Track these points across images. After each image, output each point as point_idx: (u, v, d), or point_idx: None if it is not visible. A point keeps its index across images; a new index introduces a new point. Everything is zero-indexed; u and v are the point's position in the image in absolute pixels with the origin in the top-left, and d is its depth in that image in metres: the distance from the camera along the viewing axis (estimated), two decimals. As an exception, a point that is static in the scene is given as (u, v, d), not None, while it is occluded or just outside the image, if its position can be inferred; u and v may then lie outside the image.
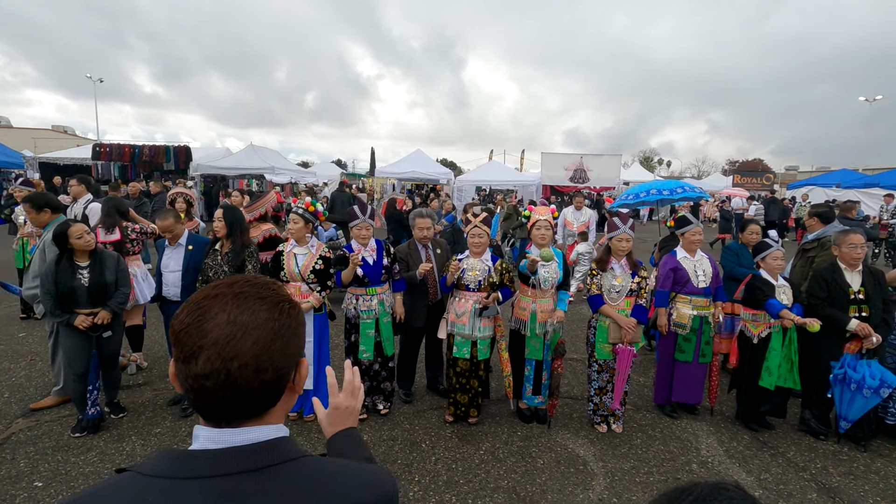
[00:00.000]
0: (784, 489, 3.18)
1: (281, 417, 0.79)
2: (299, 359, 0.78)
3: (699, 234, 4.09)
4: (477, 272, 3.66)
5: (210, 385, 0.68)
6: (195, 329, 0.69)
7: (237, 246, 3.55)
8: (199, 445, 0.70)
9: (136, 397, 4.21)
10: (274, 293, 0.76)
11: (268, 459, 0.70)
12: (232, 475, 0.67)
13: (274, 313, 0.73)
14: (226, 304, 0.71)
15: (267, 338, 0.71)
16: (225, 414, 0.71)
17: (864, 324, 3.49)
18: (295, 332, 0.76)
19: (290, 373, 0.76)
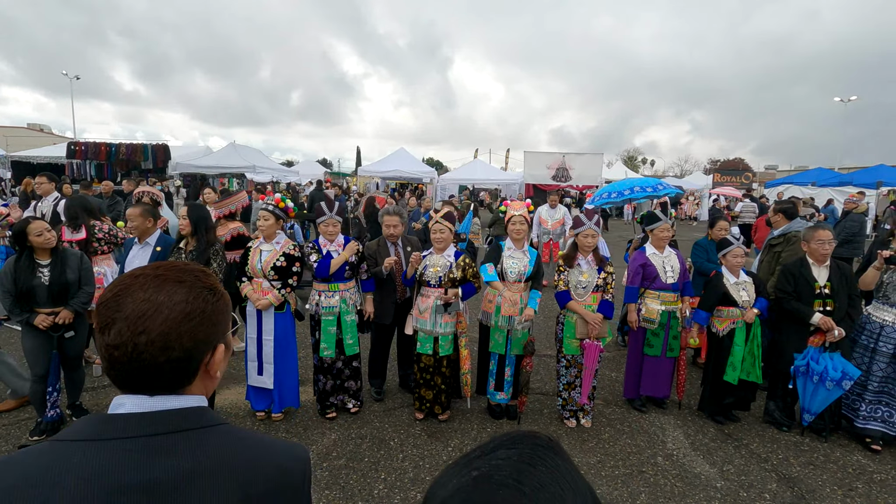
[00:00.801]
0: (745, 480, 3.23)
1: (201, 393, 0.82)
2: (215, 345, 0.81)
3: (667, 231, 4.13)
4: (438, 268, 3.65)
5: (118, 355, 0.73)
6: (113, 303, 0.74)
7: (202, 244, 3.50)
8: (125, 410, 0.74)
9: (100, 399, 4.12)
10: (196, 279, 0.80)
11: (192, 423, 0.75)
12: (158, 435, 0.72)
13: (189, 297, 0.77)
14: (146, 283, 0.76)
15: (177, 318, 0.75)
16: (135, 385, 0.75)
17: (826, 318, 3.56)
18: (208, 318, 0.79)
19: (201, 355, 0.79)
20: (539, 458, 0.47)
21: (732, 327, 3.79)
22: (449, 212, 3.73)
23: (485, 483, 0.44)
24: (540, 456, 0.47)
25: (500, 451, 0.48)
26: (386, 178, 21.92)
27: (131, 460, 0.70)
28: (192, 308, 0.77)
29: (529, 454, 0.47)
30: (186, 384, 0.79)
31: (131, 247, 3.79)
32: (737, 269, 3.94)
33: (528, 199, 4.08)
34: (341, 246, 3.84)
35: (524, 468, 0.45)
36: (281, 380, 3.78)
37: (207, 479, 0.72)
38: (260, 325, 3.73)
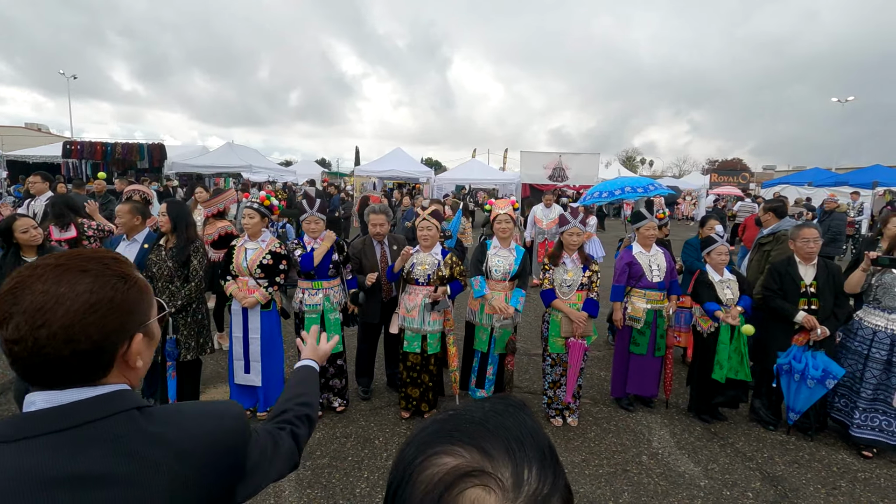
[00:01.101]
0: (729, 478, 3.23)
1: (122, 381, 0.81)
2: (132, 334, 0.78)
3: (654, 229, 4.13)
4: (426, 266, 3.64)
5: (18, 350, 0.71)
6: (10, 296, 0.72)
7: (181, 241, 3.49)
8: (37, 408, 0.73)
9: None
10: (104, 267, 0.77)
11: (110, 409, 0.74)
12: (75, 427, 0.71)
13: (95, 286, 0.74)
14: (45, 275, 0.73)
15: (81, 309, 0.72)
16: (43, 379, 0.74)
17: (810, 316, 3.55)
18: (118, 308, 0.76)
19: (114, 347, 0.77)
20: (506, 410, 0.53)
21: (717, 325, 3.78)
22: (436, 210, 3.72)
23: (455, 418, 0.51)
24: (508, 409, 0.53)
25: (475, 404, 0.55)
26: (383, 178, 21.89)
27: (51, 457, 0.69)
28: (98, 298, 0.73)
29: (499, 407, 0.53)
30: (101, 376, 0.77)
31: (118, 244, 3.77)
32: (721, 267, 3.94)
33: (512, 198, 4.06)
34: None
35: (491, 415, 0.51)
36: (267, 378, 3.77)
37: (136, 462, 0.71)
38: (246, 324, 3.72)
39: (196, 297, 3.54)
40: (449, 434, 0.49)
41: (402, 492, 0.47)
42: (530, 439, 0.49)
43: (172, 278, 3.45)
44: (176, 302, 3.43)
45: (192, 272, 3.50)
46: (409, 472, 0.47)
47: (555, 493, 0.46)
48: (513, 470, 0.45)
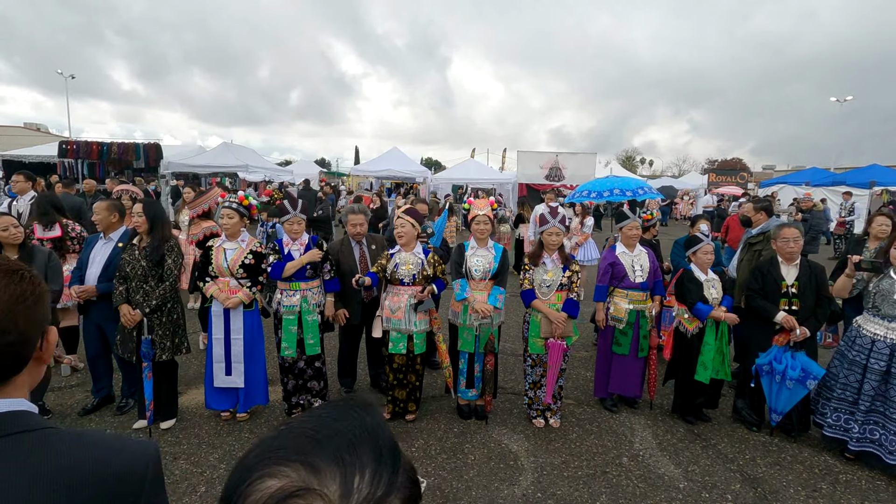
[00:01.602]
0: (709, 480, 3.20)
1: (25, 391, 0.80)
2: (45, 326, 0.80)
3: (636, 229, 4.10)
4: (411, 266, 3.62)
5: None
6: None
7: (156, 240, 3.46)
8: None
9: (65, 399, 4.08)
10: (7, 263, 0.79)
11: (8, 429, 0.72)
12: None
13: (14, 279, 0.76)
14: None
15: (9, 300, 0.74)
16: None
17: (789, 316, 3.52)
18: (39, 299, 0.78)
19: (36, 339, 0.78)
20: (344, 414, 0.50)
21: (702, 326, 3.76)
22: (411, 207, 3.70)
23: (286, 433, 0.49)
24: (347, 411, 0.51)
25: (311, 413, 0.52)
26: (380, 178, 21.87)
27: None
28: (22, 290, 0.75)
29: (337, 411, 0.51)
30: (17, 372, 0.77)
31: (95, 242, 3.74)
32: (706, 267, 3.91)
33: (491, 198, 4.03)
34: (304, 245, 3.80)
35: (326, 422, 0.49)
36: (250, 378, 3.74)
37: (21, 487, 0.69)
38: (228, 325, 3.69)
39: (171, 296, 3.52)
40: (274, 453, 0.46)
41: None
42: (366, 440, 0.48)
43: (147, 278, 3.43)
44: (150, 302, 3.40)
45: (167, 272, 3.48)
46: (232, 501, 0.45)
47: (392, 492, 0.45)
48: (341, 481, 0.44)
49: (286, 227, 3.75)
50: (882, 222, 4.37)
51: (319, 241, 3.89)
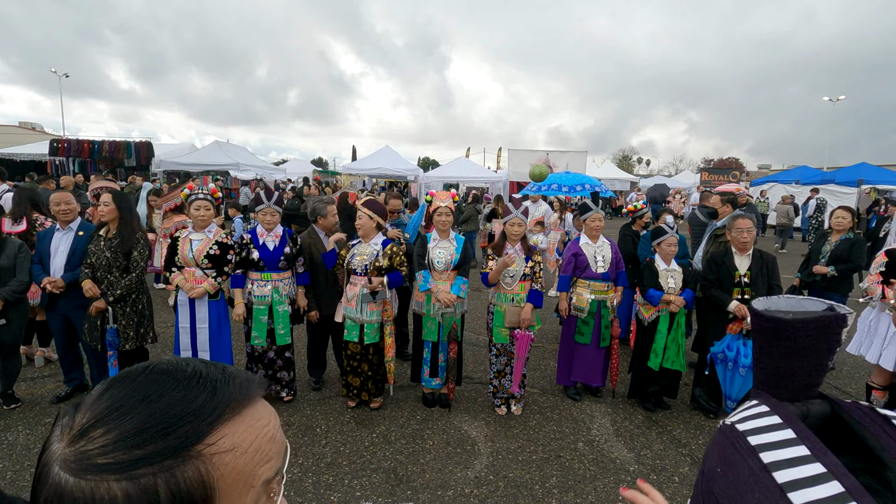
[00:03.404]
0: (659, 463, 3.28)
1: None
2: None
3: (599, 221, 4.18)
4: (364, 256, 3.69)
5: None
6: None
7: (126, 232, 3.53)
8: None
9: (36, 389, 4.15)
10: None
11: None
12: None
13: None
14: None
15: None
16: None
17: (741, 305, 3.61)
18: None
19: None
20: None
21: (657, 315, 3.84)
22: (371, 199, 3.77)
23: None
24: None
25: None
26: (371, 176, 21.93)
27: None
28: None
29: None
30: None
31: (52, 234, 3.79)
32: (669, 258, 3.99)
33: (452, 190, 4.11)
34: (278, 237, 3.87)
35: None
36: (216, 369, 3.81)
37: None
38: (193, 314, 3.75)
39: (136, 287, 3.58)
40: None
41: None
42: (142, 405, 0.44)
43: (111, 268, 3.49)
44: (115, 292, 3.47)
45: (133, 263, 3.54)
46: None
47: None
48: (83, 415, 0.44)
49: (260, 218, 3.81)
50: (838, 215, 4.48)
51: (294, 234, 3.96)
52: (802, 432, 0.43)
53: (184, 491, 0.42)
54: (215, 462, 0.44)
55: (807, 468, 0.39)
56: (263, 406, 0.51)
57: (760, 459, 0.42)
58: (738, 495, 0.39)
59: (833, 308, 0.52)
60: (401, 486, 3.00)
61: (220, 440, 0.45)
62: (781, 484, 0.39)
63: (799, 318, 0.50)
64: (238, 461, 0.45)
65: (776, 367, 0.54)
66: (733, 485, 0.41)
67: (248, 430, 0.47)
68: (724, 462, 0.44)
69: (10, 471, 3.02)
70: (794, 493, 0.38)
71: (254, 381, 0.51)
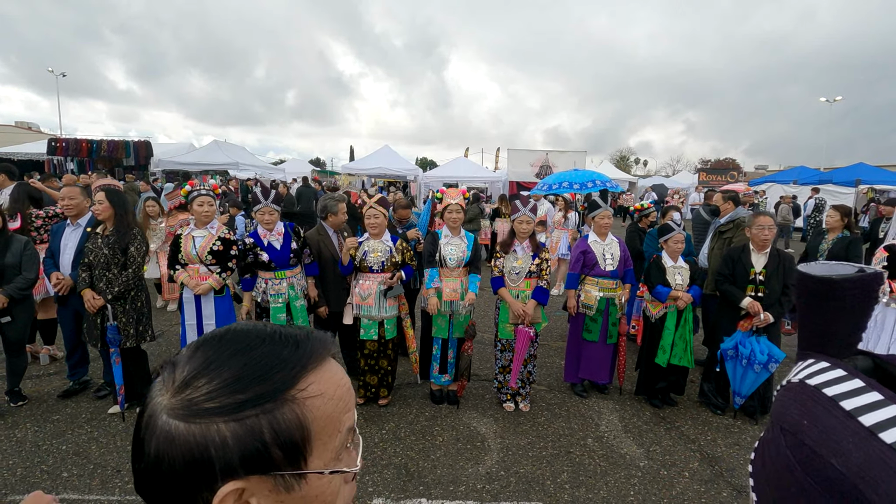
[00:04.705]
0: (669, 459, 3.29)
1: None
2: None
3: (608, 218, 4.19)
4: (379, 253, 3.69)
5: None
6: None
7: (122, 228, 3.51)
8: None
9: (42, 386, 4.13)
10: None
11: None
12: None
13: None
14: None
15: None
16: None
17: (754, 302, 3.62)
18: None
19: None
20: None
21: (665, 312, 3.85)
22: (382, 197, 3.77)
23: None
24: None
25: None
26: (371, 176, 21.91)
27: None
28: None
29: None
30: None
31: (63, 229, 3.78)
32: (676, 255, 4.01)
33: (463, 187, 4.11)
34: (281, 234, 3.87)
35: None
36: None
37: None
38: (199, 311, 3.74)
39: (134, 284, 3.57)
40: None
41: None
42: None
43: (109, 265, 3.48)
44: (113, 289, 3.46)
45: (130, 259, 3.53)
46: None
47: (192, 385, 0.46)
48: (182, 368, 0.48)
49: (258, 217, 3.80)
50: (830, 214, 4.57)
51: (296, 228, 3.96)
52: (869, 381, 0.46)
53: (284, 431, 0.45)
54: (308, 405, 0.47)
55: (886, 410, 0.42)
56: (336, 363, 0.55)
57: (842, 408, 0.44)
58: (834, 442, 0.42)
59: (864, 269, 0.54)
60: (412, 481, 3.00)
61: (309, 386, 0.48)
62: (869, 427, 0.41)
63: (846, 278, 0.53)
64: (326, 406, 0.49)
65: (824, 327, 0.57)
66: (825, 433, 0.43)
67: (331, 379, 0.51)
68: (808, 415, 0.46)
69: (20, 467, 3.01)
70: (884, 433, 0.40)
71: (328, 340, 0.55)
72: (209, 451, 0.43)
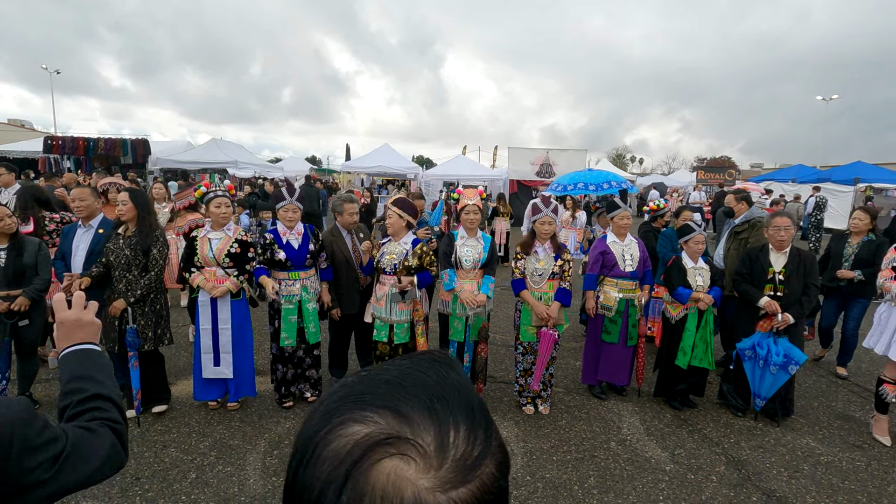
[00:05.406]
0: (695, 463, 3.26)
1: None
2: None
3: (627, 219, 4.15)
4: (394, 255, 3.63)
5: None
6: None
7: (144, 229, 3.45)
8: None
9: (53, 391, 4.05)
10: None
11: None
12: None
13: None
14: None
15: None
16: None
17: (773, 301, 3.59)
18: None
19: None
20: (428, 366, 0.47)
21: (685, 313, 3.82)
22: (401, 198, 3.71)
23: (368, 379, 0.45)
24: (431, 364, 0.47)
25: (392, 362, 0.48)
26: (371, 174, 21.81)
27: None
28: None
29: (420, 363, 0.47)
30: None
31: (75, 231, 3.70)
32: (696, 256, 3.98)
33: (480, 187, 4.06)
34: (301, 234, 3.81)
35: (410, 371, 0.46)
36: (238, 368, 3.73)
37: None
38: (215, 315, 3.67)
39: (155, 287, 3.50)
40: (358, 398, 0.42)
41: (303, 472, 0.40)
42: (456, 396, 0.43)
43: (130, 267, 3.41)
44: (135, 292, 3.39)
45: (152, 261, 3.46)
46: (311, 448, 0.40)
47: (486, 454, 0.41)
48: (436, 433, 0.40)
49: (281, 215, 3.74)
50: (856, 216, 4.49)
51: (316, 230, 3.90)
52: None
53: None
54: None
55: None
56: None
57: None
58: None
59: None
60: (438, 487, 2.95)
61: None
62: None
63: None
64: None
65: None
66: None
67: None
68: None
69: (36, 476, 2.94)
70: None
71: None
72: (493, 494, 0.40)
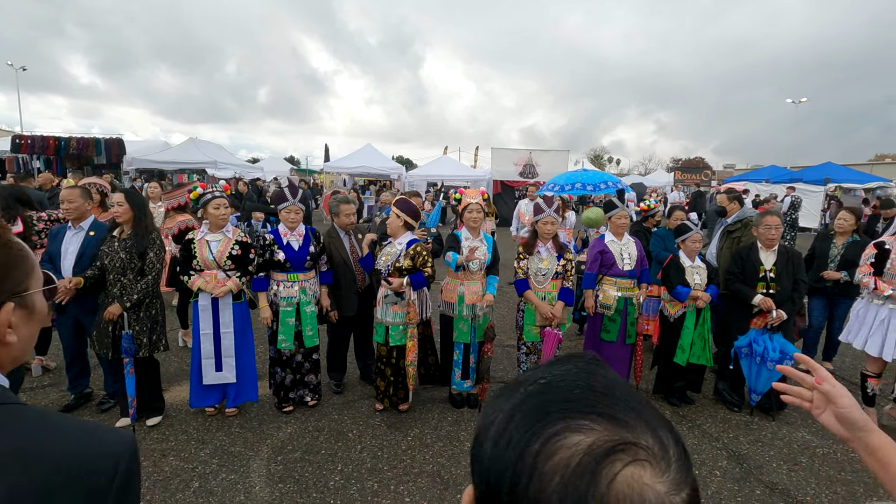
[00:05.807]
0: (697, 458, 3.32)
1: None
2: (1, 302, 0.71)
3: (625, 218, 4.20)
4: (388, 257, 3.59)
5: None
6: None
7: (140, 231, 3.33)
8: None
9: (38, 399, 3.89)
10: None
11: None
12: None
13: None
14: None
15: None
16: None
17: (766, 298, 3.69)
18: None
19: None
20: (595, 370, 0.46)
21: (683, 311, 3.89)
22: (402, 198, 3.68)
23: (554, 387, 0.43)
24: (595, 368, 0.46)
25: (553, 367, 0.46)
26: (353, 175, 21.63)
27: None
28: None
29: (585, 366, 0.46)
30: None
31: (64, 233, 3.56)
32: (693, 254, 4.05)
33: (482, 187, 4.06)
34: (302, 235, 3.74)
35: (585, 375, 0.44)
36: (240, 372, 3.64)
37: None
38: (217, 318, 3.57)
39: (152, 291, 3.39)
40: (561, 407, 0.40)
41: (524, 489, 0.38)
42: (637, 396, 0.43)
43: (125, 270, 3.29)
44: (131, 296, 3.27)
45: (149, 265, 3.35)
46: (527, 464, 0.38)
47: (691, 464, 0.41)
48: (652, 435, 0.39)
49: (283, 216, 3.67)
50: (841, 217, 4.60)
51: (317, 232, 3.84)
52: None
53: None
54: None
55: None
56: None
57: None
58: None
59: None
60: (449, 489, 2.93)
61: None
62: None
63: None
64: None
65: None
66: None
67: None
68: None
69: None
70: None
71: None
72: (697, 492, 0.40)
